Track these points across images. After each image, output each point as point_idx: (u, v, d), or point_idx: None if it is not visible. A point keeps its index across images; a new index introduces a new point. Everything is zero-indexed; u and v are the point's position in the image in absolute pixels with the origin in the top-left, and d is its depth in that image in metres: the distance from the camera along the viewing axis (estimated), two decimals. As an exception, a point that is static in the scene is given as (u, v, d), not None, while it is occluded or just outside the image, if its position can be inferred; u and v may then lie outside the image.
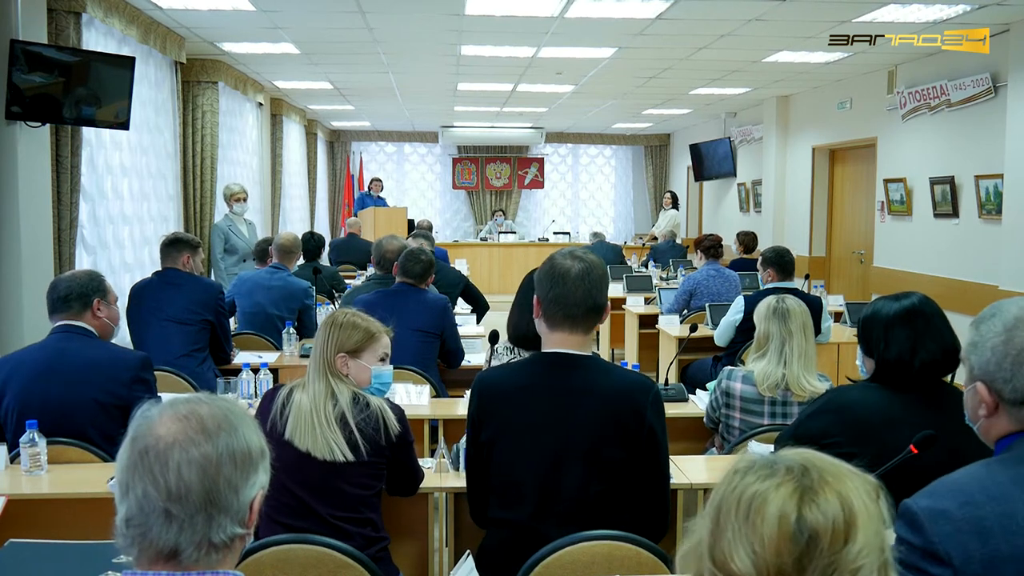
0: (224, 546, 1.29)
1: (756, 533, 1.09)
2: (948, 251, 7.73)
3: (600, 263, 2.44)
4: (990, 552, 1.44)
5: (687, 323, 6.25)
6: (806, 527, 1.08)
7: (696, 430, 3.79)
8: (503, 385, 2.44)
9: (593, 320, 2.39)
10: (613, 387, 2.34)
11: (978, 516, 1.47)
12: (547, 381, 2.37)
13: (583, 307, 2.35)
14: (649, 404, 2.33)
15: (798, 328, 3.39)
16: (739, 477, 1.16)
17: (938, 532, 1.47)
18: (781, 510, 1.09)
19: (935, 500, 1.52)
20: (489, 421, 2.42)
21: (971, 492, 1.51)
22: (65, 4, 5.25)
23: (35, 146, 5.07)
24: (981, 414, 1.64)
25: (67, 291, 3.22)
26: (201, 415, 1.31)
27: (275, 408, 2.60)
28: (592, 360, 2.40)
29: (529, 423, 2.35)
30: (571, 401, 2.33)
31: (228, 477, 1.29)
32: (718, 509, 1.14)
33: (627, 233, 16.73)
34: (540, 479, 2.33)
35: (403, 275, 4.72)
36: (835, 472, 1.14)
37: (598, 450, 2.31)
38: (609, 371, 2.42)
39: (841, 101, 9.73)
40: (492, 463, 2.42)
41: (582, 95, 10.95)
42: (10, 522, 2.62)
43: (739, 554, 1.09)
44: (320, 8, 6.41)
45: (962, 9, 6.16)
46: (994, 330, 1.61)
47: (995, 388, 1.60)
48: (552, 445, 2.32)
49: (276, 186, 11.38)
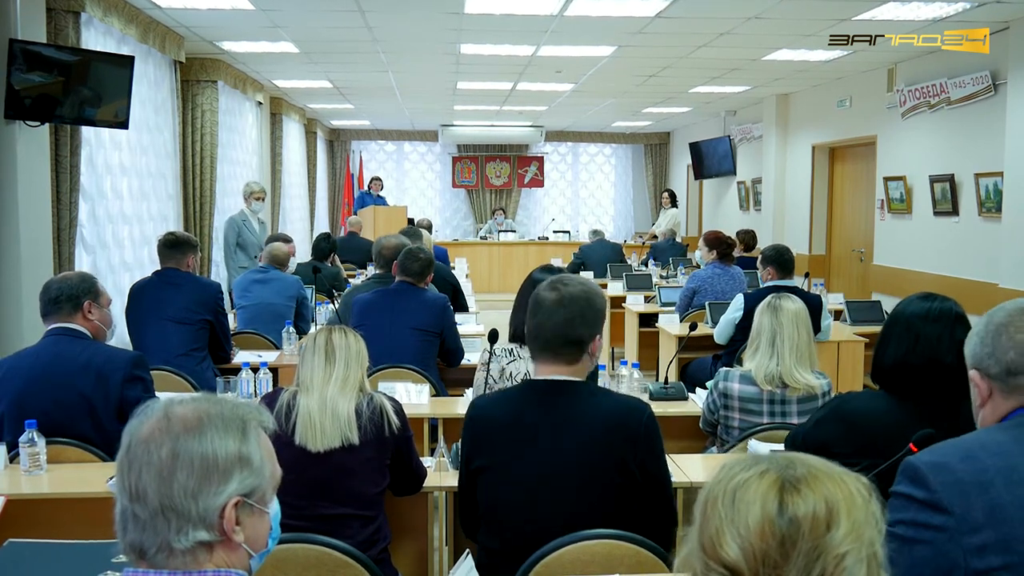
0: (187, 552, 1.28)
1: (741, 517, 1.13)
2: (948, 249, 7.73)
3: (582, 295, 2.33)
4: (991, 501, 1.47)
5: (687, 321, 6.25)
6: (787, 510, 1.12)
7: (696, 429, 3.79)
8: (491, 416, 2.39)
9: (572, 352, 2.31)
10: (602, 415, 2.27)
11: (979, 468, 1.50)
12: (534, 412, 2.31)
13: (559, 340, 2.30)
14: (642, 430, 2.27)
15: (789, 320, 3.38)
16: (727, 470, 1.20)
17: (940, 482, 1.49)
18: (764, 495, 1.13)
19: (936, 455, 1.55)
20: (477, 452, 2.39)
21: (972, 448, 1.54)
22: (64, 3, 5.24)
23: (34, 146, 5.06)
24: (978, 405, 1.68)
25: (57, 293, 3.20)
26: (175, 417, 1.30)
27: (279, 412, 2.61)
28: (581, 387, 2.33)
29: (516, 457, 2.30)
30: (559, 433, 2.26)
31: (184, 483, 1.26)
32: (707, 500, 1.19)
33: (627, 231, 16.73)
34: (526, 514, 2.28)
35: (402, 274, 4.71)
36: (823, 468, 1.17)
37: (590, 480, 2.25)
38: (598, 398, 2.34)
39: (841, 99, 9.73)
40: (480, 493, 2.38)
41: (582, 94, 10.94)
42: (10, 522, 2.62)
43: (727, 539, 1.13)
44: (319, 7, 6.40)
45: (962, 7, 6.16)
46: (982, 323, 1.68)
47: (983, 369, 1.65)
48: (539, 479, 2.27)
49: (276, 185, 11.38)
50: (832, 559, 1.10)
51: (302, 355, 2.77)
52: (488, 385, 3.13)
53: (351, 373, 2.69)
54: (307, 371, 2.69)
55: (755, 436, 3.25)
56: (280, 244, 6.11)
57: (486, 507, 2.38)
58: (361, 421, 2.63)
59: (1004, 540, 1.44)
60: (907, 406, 2.37)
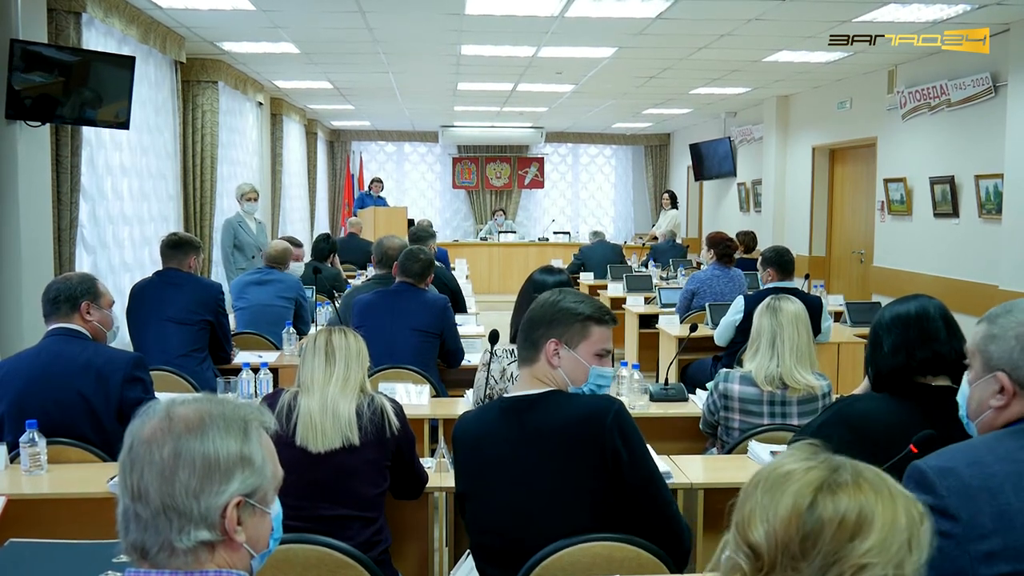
0: (189, 551, 1.28)
1: (773, 505, 1.16)
2: (948, 251, 7.73)
3: (546, 297, 2.35)
4: (1000, 507, 1.46)
5: (687, 323, 6.25)
6: (816, 509, 1.14)
7: (696, 430, 3.79)
8: (468, 434, 2.34)
9: (528, 352, 2.30)
10: (566, 421, 2.20)
11: (988, 474, 1.49)
12: (503, 429, 2.26)
13: (517, 338, 2.38)
14: (607, 427, 2.15)
15: (789, 321, 3.38)
16: (782, 457, 1.23)
17: (947, 487, 1.48)
18: (801, 489, 1.16)
19: (943, 459, 1.54)
20: (461, 472, 2.36)
21: (979, 453, 1.53)
22: (65, 4, 5.24)
23: (35, 146, 5.07)
24: (993, 404, 1.65)
25: (56, 293, 3.20)
26: (176, 417, 1.31)
27: (279, 413, 2.61)
28: (547, 397, 2.24)
29: (493, 483, 2.26)
30: (527, 447, 2.21)
31: (185, 483, 1.27)
32: (752, 481, 1.22)
33: (627, 233, 16.73)
34: (510, 533, 2.23)
35: (403, 274, 4.71)
36: (873, 481, 1.18)
37: (571, 492, 2.18)
38: (563, 405, 2.23)
39: (841, 101, 9.73)
40: (469, 515, 2.35)
41: (582, 95, 10.95)
42: (10, 522, 2.62)
43: (756, 521, 1.16)
44: (320, 8, 6.40)
45: (962, 9, 6.16)
46: (1016, 320, 1.63)
47: (1017, 376, 1.62)
48: (519, 501, 2.22)
49: (276, 186, 11.38)
50: (849, 567, 1.11)
51: (302, 356, 2.77)
52: (489, 385, 3.14)
53: (352, 374, 2.69)
54: (307, 372, 2.69)
55: (755, 437, 3.26)
56: (277, 242, 6.06)
57: (474, 533, 2.34)
58: (362, 422, 2.63)
59: (1013, 547, 1.43)
60: (910, 407, 2.35)
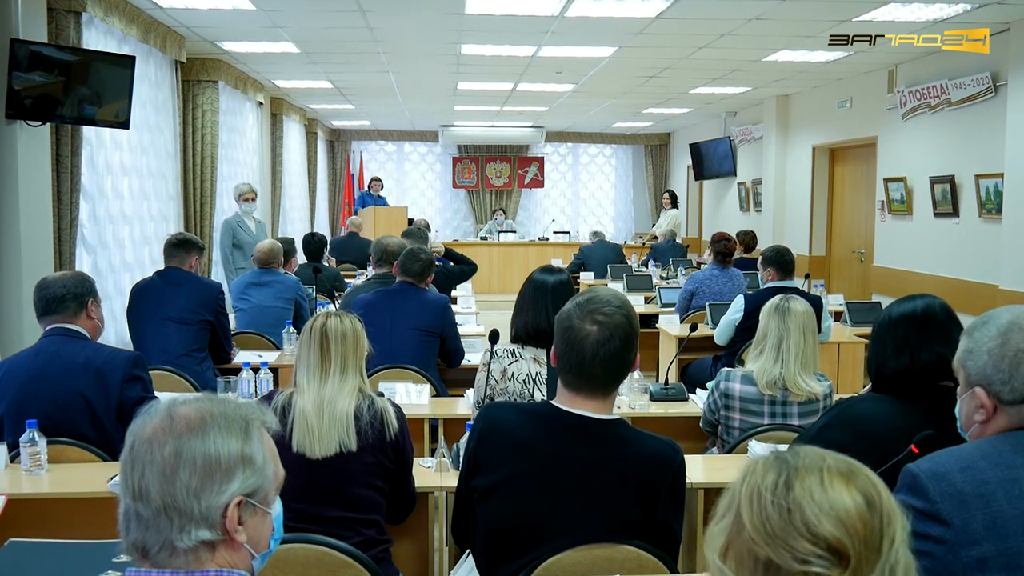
0: (190, 551, 1.28)
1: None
2: (948, 250, 7.73)
3: (624, 323, 2.13)
4: (993, 514, 1.45)
5: (687, 322, 6.25)
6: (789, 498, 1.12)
7: (696, 430, 3.79)
8: (513, 434, 2.20)
9: (614, 386, 2.18)
10: (633, 461, 2.14)
11: (980, 480, 1.48)
12: (562, 447, 2.15)
13: (610, 376, 2.13)
14: (672, 473, 2.14)
15: (797, 327, 3.35)
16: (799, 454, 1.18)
17: (939, 492, 1.48)
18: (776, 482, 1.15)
19: (936, 464, 1.54)
20: (490, 469, 2.20)
21: (972, 459, 1.53)
22: (65, 3, 5.24)
23: (35, 145, 5.07)
24: (977, 419, 1.65)
25: (63, 292, 3.18)
26: (178, 417, 1.31)
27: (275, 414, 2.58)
28: (615, 428, 2.16)
29: (540, 488, 2.15)
30: (588, 474, 2.13)
31: (186, 482, 1.27)
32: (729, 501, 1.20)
33: (627, 232, 16.73)
34: (536, 547, 2.15)
35: (403, 274, 4.72)
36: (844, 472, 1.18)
37: (613, 524, 2.14)
38: (630, 443, 2.17)
39: (841, 100, 9.73)
40: (484, 514, 2.23)
41: (582, 94, 10.95)
42: (10, 522, 2.62)
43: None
44: (320, 7, 6.40)
45: (962, 8, 6.16)
46: (988, 335, 1.63)
47: (993, 391, 1.61)
48: (554, 509, 2.15)
49: (276, 185, 11.38)
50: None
51: (298, 346, 2.73)
52: (489, 385, 3.13)
53: (348, 361, 2.64)
54: (303, 364, 2.65)
55: (756, 437, 3.25)
56: (263, 242, 5.95)
57: (487, 530, 2.23)
58: (360, 424, 2.58)
59: (1005, 554, 1.43)
60: (912, 408, 2.33)
